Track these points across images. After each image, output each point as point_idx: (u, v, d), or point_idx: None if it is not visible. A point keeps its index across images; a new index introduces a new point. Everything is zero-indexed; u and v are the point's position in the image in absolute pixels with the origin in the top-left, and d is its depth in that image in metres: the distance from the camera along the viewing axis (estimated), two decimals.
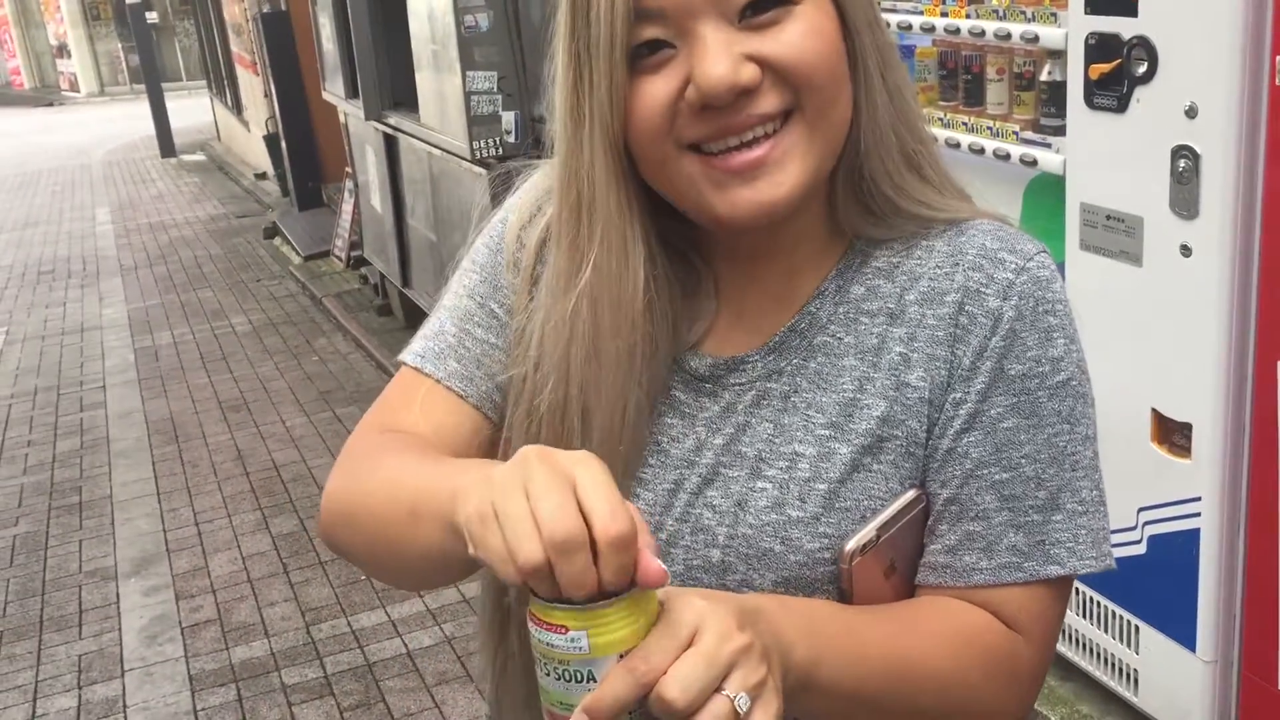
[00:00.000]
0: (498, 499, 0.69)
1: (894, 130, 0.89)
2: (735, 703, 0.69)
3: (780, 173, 0.84)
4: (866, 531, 0.88)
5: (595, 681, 0.68)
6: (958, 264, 0.89)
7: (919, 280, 0.90)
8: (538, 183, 1.01)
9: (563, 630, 0.69)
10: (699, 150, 0.85)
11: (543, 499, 0.67)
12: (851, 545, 0.87)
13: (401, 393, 1.01)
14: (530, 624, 0.70)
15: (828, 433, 0.90)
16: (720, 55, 0.80)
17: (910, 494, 0.90)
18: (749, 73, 0.82)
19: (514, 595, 0.94)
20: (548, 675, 0.70)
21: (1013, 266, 0.88)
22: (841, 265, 0.93)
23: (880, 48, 0.88)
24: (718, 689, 0.69)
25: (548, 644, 0.69)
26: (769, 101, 0.83)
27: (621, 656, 0.68)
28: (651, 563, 0.68)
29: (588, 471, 0.69)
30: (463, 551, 0.73)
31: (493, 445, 0.98)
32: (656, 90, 0.83)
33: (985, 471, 0.88)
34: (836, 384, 0.90)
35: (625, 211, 0.87)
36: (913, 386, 0.89)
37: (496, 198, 1.06)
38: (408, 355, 1.01)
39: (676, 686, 0.67)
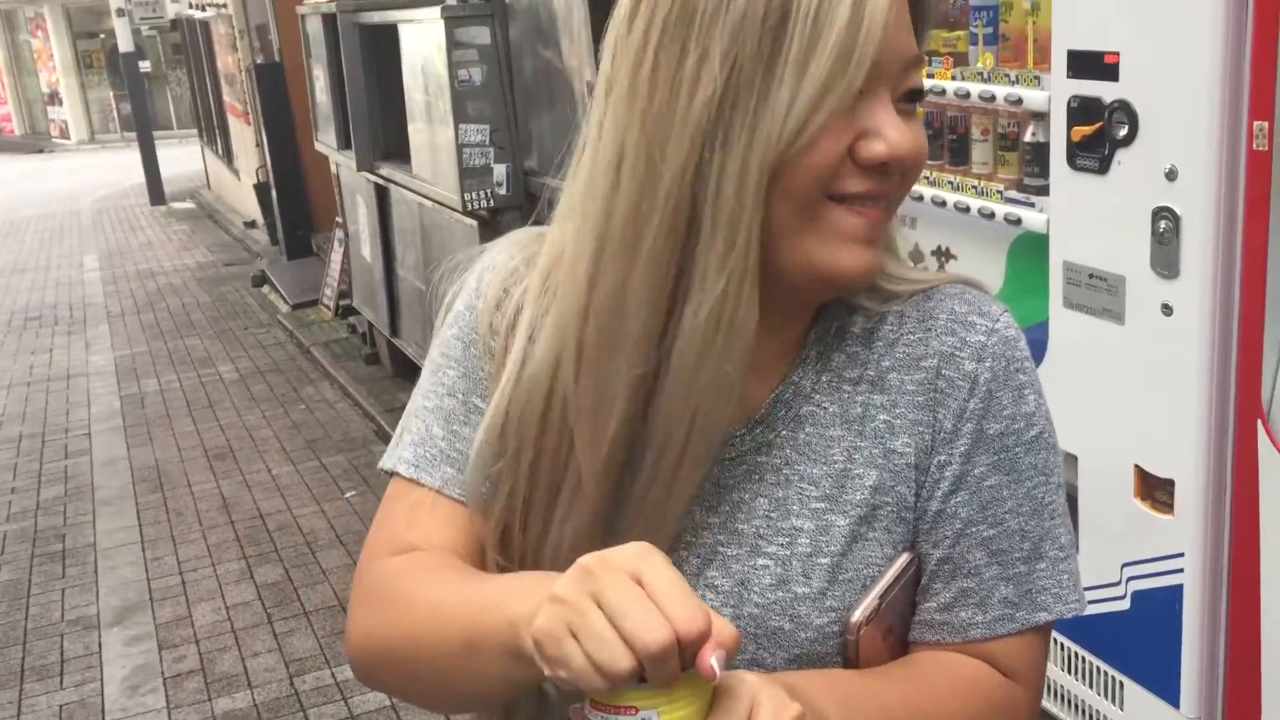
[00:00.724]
0: (573, 618, 0.70)
1: None
2: None
3: (878, 244, 0.89)
4: (870, 600, 0.89)
5: None
6: (930, 330, 0.92)
7: (895, 347, 0.92)
8: (499, 264, 0.98)
9: (633, 711, 0.71)
10: (841, 201, 0.85)
11: (626, 615, 0.69)
12: (858, 616, 0.89)
13: (402, 507, 0.97)
14: (591, 711, 0.72)
15: (824, 505, 0.91)
16: (903, 126, 0.85)
17: (905, 558, 0.92)
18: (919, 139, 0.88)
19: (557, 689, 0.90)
20: None
21: (983, 329, 0.92)
22: (819, 331, 0.94)
23: None
24: None
25: None
26: (889, 184, 0.87)
27: None
28: (718, 651, 0.70)
29: (653, 570, 0.70)
30: (532, 676, 0.75)
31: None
32: (835, 146, 0.83)
33: (974, 529, 0.90)
34: (826, 455, 0.91)
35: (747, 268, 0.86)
36: (899, 453, 0.91)
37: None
38: (401, 466, 0.97)
39: None
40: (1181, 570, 2.25)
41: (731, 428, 0.91)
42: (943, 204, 2.81)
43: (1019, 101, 2.51)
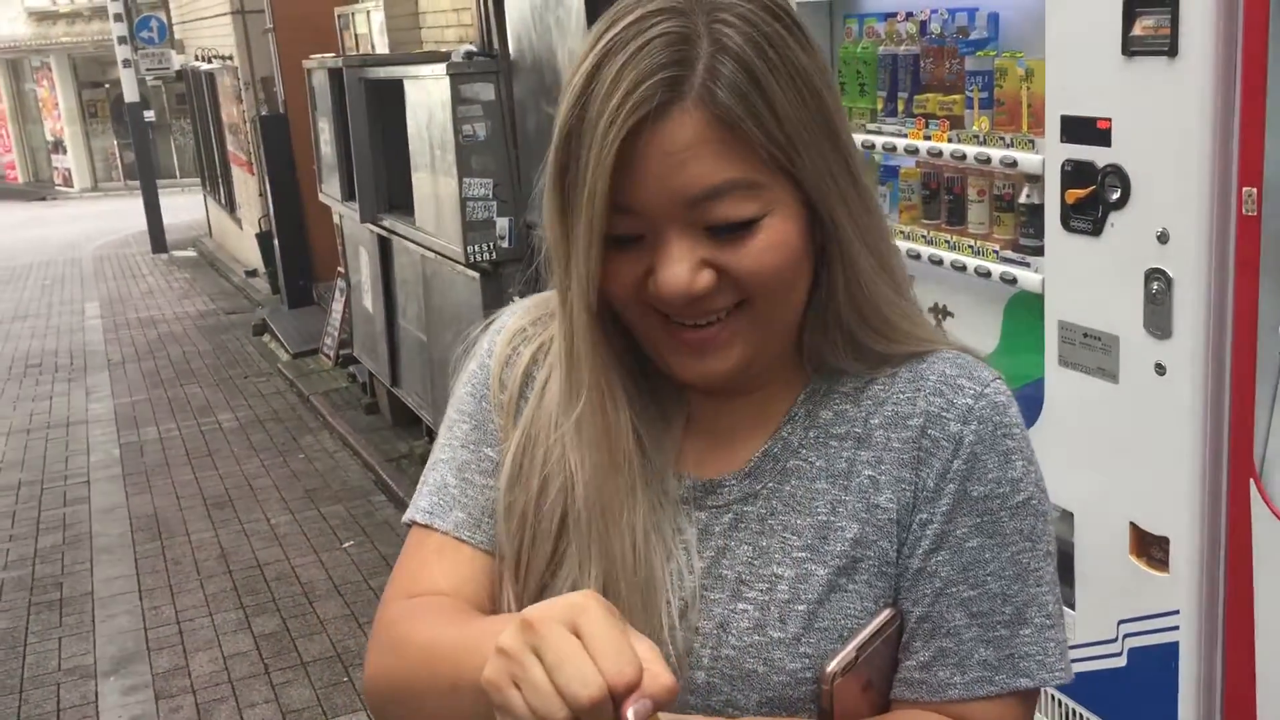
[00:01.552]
0: (515, 669, 0.73)
1: (876, 283, 0.93)
2: None
3: (727, 350, 0.91)
4: (847, 652, 0.91)
5: None
6: (919, 390, 0.94)
7: (883, 405, 0.95)
8: (508, 326, 1.06)
9: None
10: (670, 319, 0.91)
11: (561, 668, 0.71)
12: (833, 666, 0.91)
13: (418, 553, 1.03)
14: None
15: (805, 555, 0.93)
16: (680, 264, 0.86)
17: (886, 613, 0.93)
18: (704, 281, 0.87)
19: None
20: None
21: (971, 393, 0.94)
22: (810, 389, 0.98)
23: (856, 215, 0.92)
24: None
25: None
26: (720, 300, 0.89)
27: None
28: (640, 703, 0.71)
29: (590, 622, 0.73)
30: None
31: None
32: (628, 270, 0.89)
33: (954, 589, 0.92)
34: (810, 507, 0.94)
35: (607, 361, 0.93)
36: (882, 508, 0.93)
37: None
38: (416, 514, 1.03)
39: None
40: (1177, 628, 2.27)
41: (722, 477, 0.97)
42: (939, 262, 2.86)
43: (1014, 164, 2.56)
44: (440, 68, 4.70)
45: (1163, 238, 2.17)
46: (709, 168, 0.84)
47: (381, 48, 7.23)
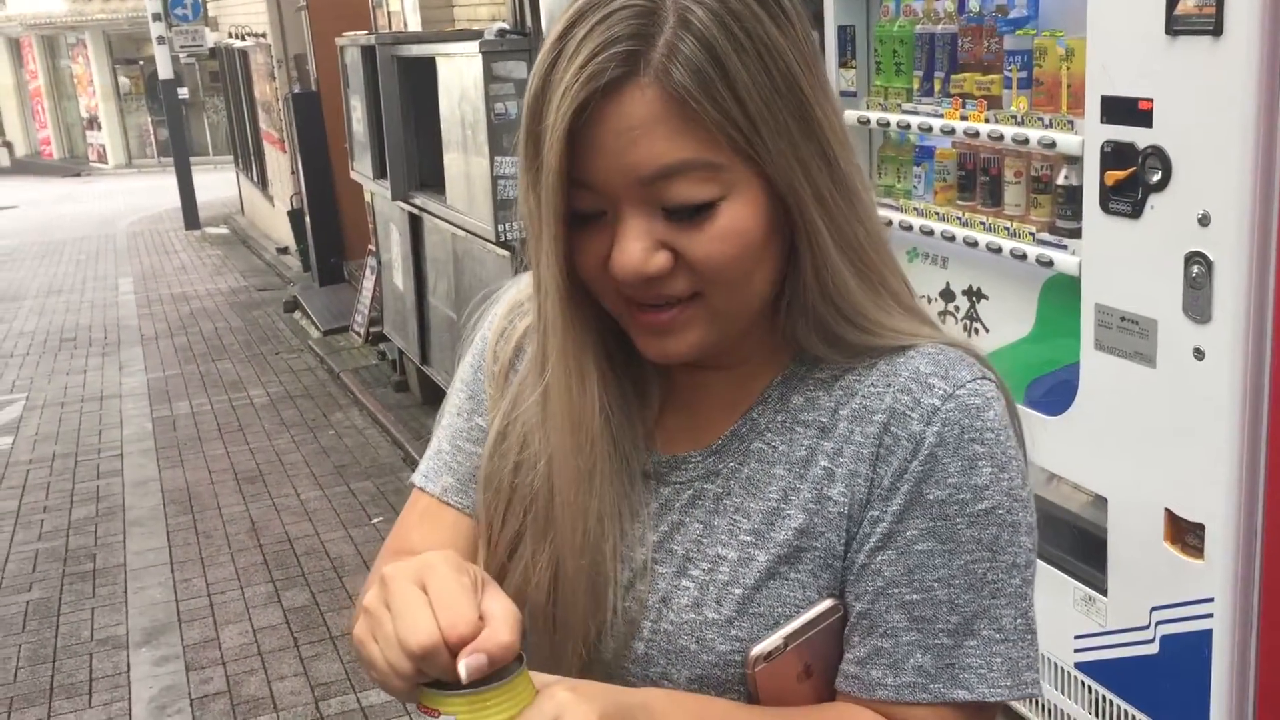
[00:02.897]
0: (372, 624, 0.77)
1: (845, 274, 0.90)
2: None
3: (685, 333, 0.90)
4: (773, 640, 0.90)
5: None
6: (890, 384, 0.91)
7: (853, 396, 0.93)
8: (508, 298, 1.08)
9: (435, 714, 0.75)
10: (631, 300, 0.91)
11: (402, 618, 0.75)
12: (756, 651, 0.90)
13: (409, 514, 1.08)
14: (417, 710, 0.77)
15: (750, 539, 0.93)
16: (634, 243, 0.85)
17: (826, 604, 0.91)
18: (658, 263, 0.86)
19: None
20: None
21: (940, 393, 0.90)
22: (787, 373, 0.96)
23: (829, 201, 0.88)
24: None
25: None
26: (677, 286, 0.88)
27: None
28: (471, 656, 0.73)
29: (435, 577, 0.76)
30: None
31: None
32: (594, 248, 0.89)
33: (896, 590, 0.89)
34: (765, 492, 0.93)
35: (578, 337, 0.93)
36: (834, 501, 0.91)
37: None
38: (415, 477, 1.08)
39: None
40: (1211, 615, 2.25)
41: (689, 453, 0.97)
42: (975, 244, 2.83)
43: (1052, 145, 2.53)
44: (473, 45, 4.69)
45: (1204, 220, 2.14)
46: (662, 147, 0.83)
47: (414, 25, 7.23)
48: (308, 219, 10.02)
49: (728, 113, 0.83)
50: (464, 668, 0.73)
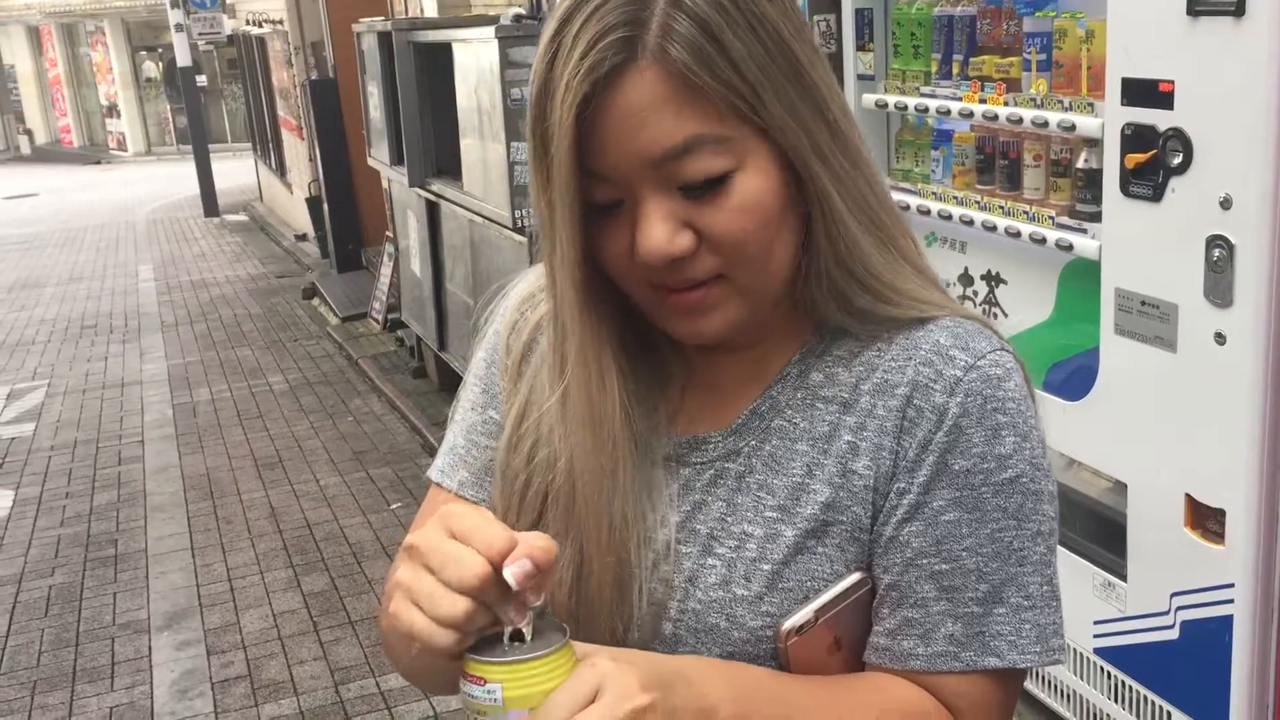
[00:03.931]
0: (410, 591, 0.77)
1: (859, 237, 0.91)
2: None
3: (716, 312, 0.91)
4: (804, 613, 0.90)
5: None
6: (911, 358, 0.92)
7: (874, 371, 0.93)
8: (519, 291, 1.08)
9: (481, 682, 0.76)
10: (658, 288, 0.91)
11: (444, 567, 0.75)
12: (788, 625, 0.90)
13: (427, 509, 1.09)
14: (460, 678, 0.78)
15: (776, 515, 0.93)
16: (657, 226, 0.86)
17: (854, 577, 0.92)
18: (683, 243, 0.87)
19: None
20: None
21: (962, 364, 0.91)
22: (805, 350, 0.97)
23: (836, 165, 0.90)
24: None
25: (469, 695, 0.77)
26: (702, 267, 0.88)
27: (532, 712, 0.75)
28: (516, 563, 0.75)
29: (458, 519, 0.78)
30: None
31: None
32: (617, 239, 0.89)
33: (925, 561, 0.90)
34: (788, 468, 0.94)
35: (596, 335, 0.93)
36: (858, 474, 0.92)
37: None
38: (432, 471, 1.09)
39: None
40: (1232, 600, 2.24)
41: (709, 434, 0.97)
42: (993, 229, 2.81)
43: (1072, 128, 2.51)
44: (489, 31, 4.68)
45: (1225, 204, 2.12)
46: (670, 126, 0.84)
47: (430, 11, 7.22)
48: (326, 206, 10.04)
49: (729, 83, 0.84)
50: (511, 575, 0.74)
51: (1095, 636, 2.60)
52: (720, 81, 0.84)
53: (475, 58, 4.99)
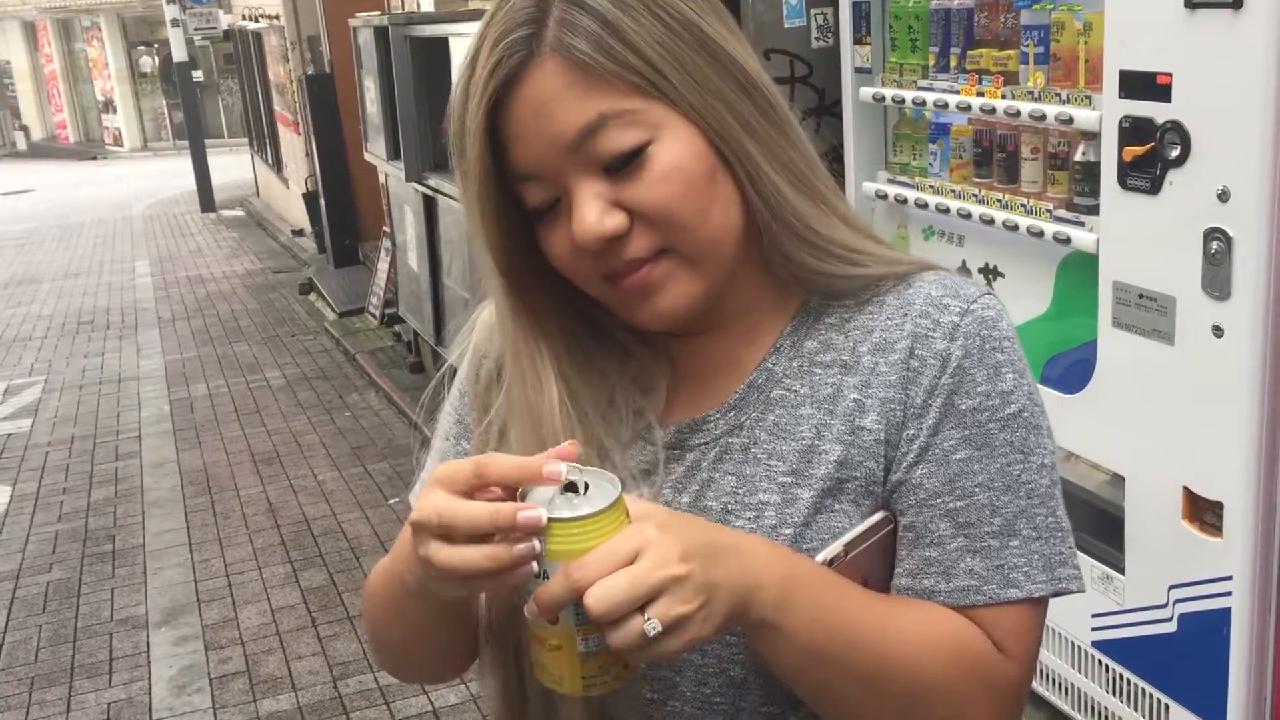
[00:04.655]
0: (441, 527, 0.81)
1: (793, 196, 0.93)
2: (645, 626, 0.76)
3: (669, 287, 0.92)
4: (834, 547, 0.92)
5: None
6: (906, 314, 0.95)
7: (871, 333, 0.96)
8: (483, 319, 1.09)
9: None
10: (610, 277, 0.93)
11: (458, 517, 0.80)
12: (820, 558, 0.92)
13: (405, 533, 1.08)
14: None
15: (790, 479, 0.94)
16: (586, 209, 0.89)
17: (879, 515, 0.94)
18: (614, 222, 0.89)
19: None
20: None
21: (957, 310, 0.94)
22: (796, 322, 0.99)
23: (760, 131, 0.92)
24: (641, 610, 0.77)
25: None
26: (639, 245, 0.90)
27: None
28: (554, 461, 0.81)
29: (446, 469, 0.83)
30: (442, 603, 0.89)
31: None
32: (561, 238, 0.92)
33: (939, 501, 0.92)
34: (796, 432, 0.95)
35: (529, 337, 0.96)
36: (868, 430, 0.94)
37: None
38: (411, 497, 1.08)
39: (594, 596, 0.76)
40: (1230, 593, 2.24)
41: (707, 413, 0.98)
42: (991, 222, 2.81)
43: (1070, 121, 2.51)
44: None
45: (1223, 196, 2.12)
46: (576, 108, 0.87)
47: (427, 5, 7.20)
48: (322, 201, 10.03)
49: (625, 62, 0.88)
50: (550, 468, 0.79)
51: (1093, 630, 2.60)
52: (619, 64, 0.88)
53: None
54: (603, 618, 0.76)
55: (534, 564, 0.78)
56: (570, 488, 0.80)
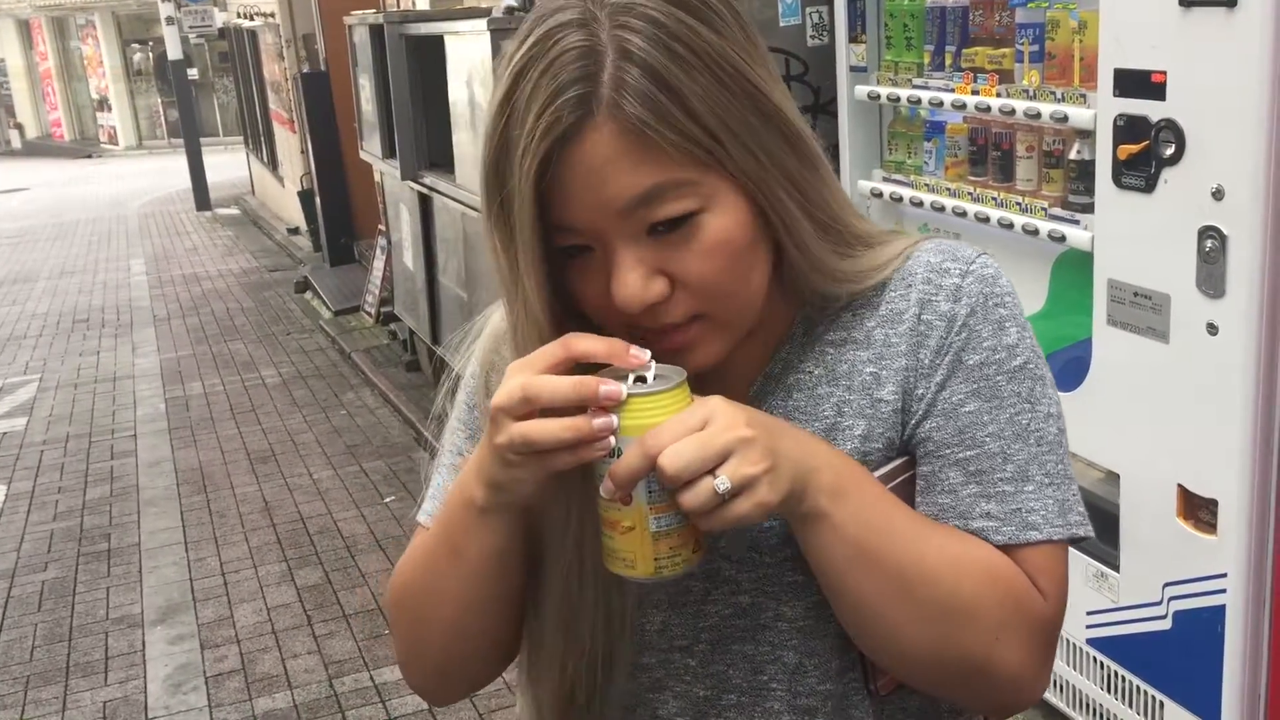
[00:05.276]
0: (500, 453, 0.84)
1: (823, 242, 0.93)
2: (716, 483, 0.79)
3: (699, 349, 0.92)
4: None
5: None
6: (910, 285, 0.97)
7: (878, 309, 0.97)
8: (490, 331, 1.07)
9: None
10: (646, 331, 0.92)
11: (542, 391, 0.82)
12: None
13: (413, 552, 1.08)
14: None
15: None
16: (630, 274, 0.87)
17: (902, 459, 0.96)
18: (656, 289, 0.87)
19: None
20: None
21: (957, 272, 0.96)
22: (803, 315, 1.00)
23: (801, 181, 0.91)
24: (712, 473, 0.79)
25: None
26: (677, 311, 0.89)
27: None
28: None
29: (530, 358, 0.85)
30: (505, 526, 0.90)
31: None
32: (592, 281, 0.90)
33: (948, 451, 0.94)
34: (818, 412, 0.97)
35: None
36: (885, 401, 0.95)
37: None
38: (421, 515, 1.08)
39: (668, 457, 0.79)
40: (1224, 590, 2.24)
41: None
42: (986, 220, 2.82)
43: (1064, 119, 2.51)
44: (481, 23, 4.67)
45: (1217, 194, 2.12)
46: (631, 178, 0.84)
47: (422, 4, 7.20)
48: (318, 199, 10.02)
49: (686, 131, 0.84)
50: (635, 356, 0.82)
51: (1088, 627, 2.60)
52: (677, 131, 0.84)
53: (467, 50, 4.97)
54: (675, 478, 0.79)
55: (610, 439, 0.81)
56: (638, 379, 0.84)
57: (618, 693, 1.01)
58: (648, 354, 0.83)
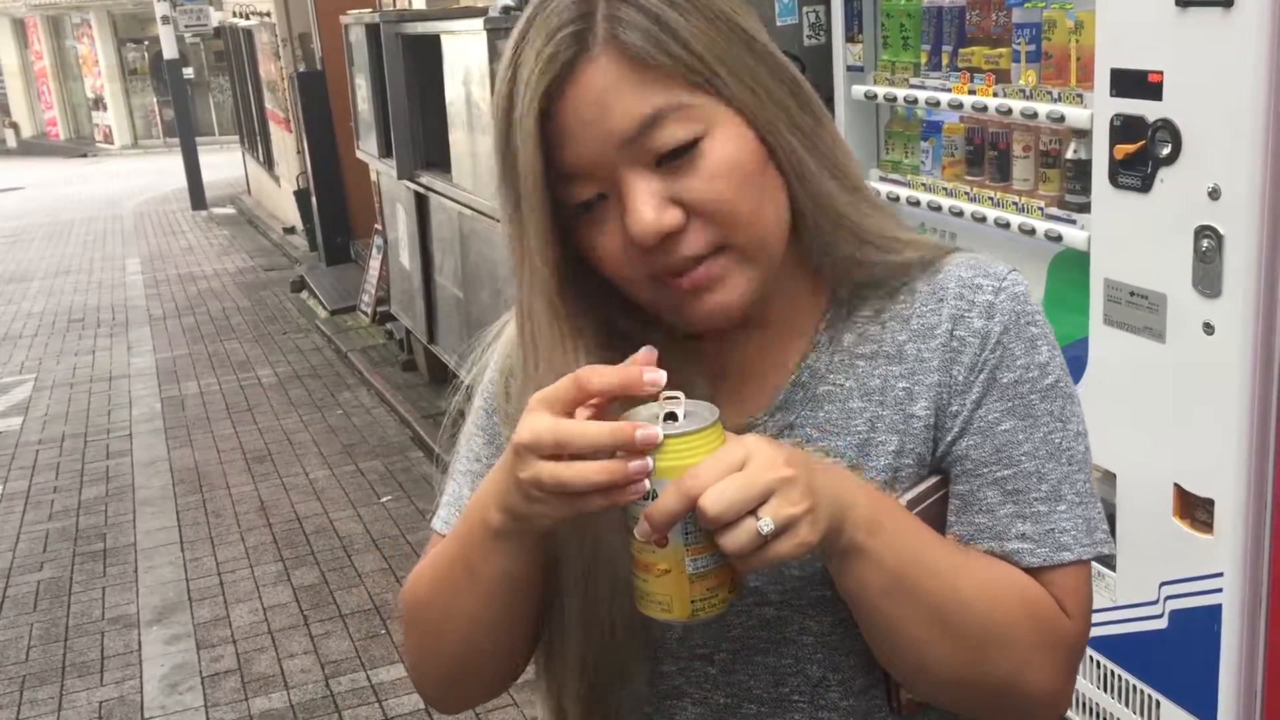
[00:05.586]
0: (524, 476, 0.81)
1: (831, 184, 0.94)
2: (759, 524, 0.78)
3: (729, 283, 0.91)
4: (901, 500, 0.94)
5: None
6: (942, 300, 0.97)
7: (909, 321, 0.97)
8: (508, 335, 1.05)
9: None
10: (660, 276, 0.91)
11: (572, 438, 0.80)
12: None
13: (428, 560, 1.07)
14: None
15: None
16: (643, 204, 0.87)
17: (935, 478, 0.96)
18: (671, 218, 0.87)
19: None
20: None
21: (990, 289, 0.96)
22: (829, 317, 0.99)
23: (803, 124, 0.93)
24: (753, 513, 0.78)
25: None
26: (696, 241, 0.89)
27: None
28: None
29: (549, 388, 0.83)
30: (522, 551, 0.88)
31: None
32: (609, 235, 0.90)
33: (986, 470, 0.94)
34: (849, 426, 0.96)
35: (564, 345, 0.93)
36: (918, 417, 0.95)
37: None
38: (436, 523, 1.07)
39: (710, 498, 0.77)
40: (1220, 590, 2.25)
41: (752, 417, 0.98)
42: (983, 219, 2.82)
43: (1061, 119, 2.52)
44: (477, 23, 4.67)
45: (1214, 194, 2.12)
46: (631, 102, 0.86)
47: (418, 3, 7.19)
48: (314, 199, 10.01)
49: (679, 57, 0.87)
50: (650, 382, 0.80)
51: None
52: (671, 57, 0.87)
53: (463, 49, 4.97)
54: (717, 519, 0.77)
55: (645, 481, 0.79)
56: (669, 416, 0.82)
57: (635, 698, 1.01)
58: (663, 375, 0.81)
